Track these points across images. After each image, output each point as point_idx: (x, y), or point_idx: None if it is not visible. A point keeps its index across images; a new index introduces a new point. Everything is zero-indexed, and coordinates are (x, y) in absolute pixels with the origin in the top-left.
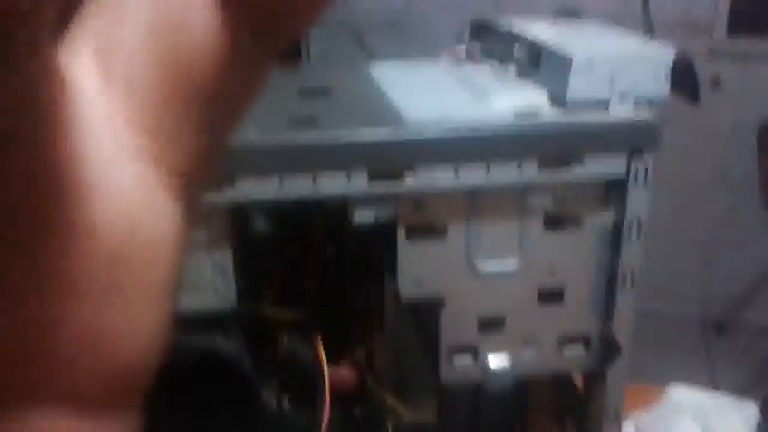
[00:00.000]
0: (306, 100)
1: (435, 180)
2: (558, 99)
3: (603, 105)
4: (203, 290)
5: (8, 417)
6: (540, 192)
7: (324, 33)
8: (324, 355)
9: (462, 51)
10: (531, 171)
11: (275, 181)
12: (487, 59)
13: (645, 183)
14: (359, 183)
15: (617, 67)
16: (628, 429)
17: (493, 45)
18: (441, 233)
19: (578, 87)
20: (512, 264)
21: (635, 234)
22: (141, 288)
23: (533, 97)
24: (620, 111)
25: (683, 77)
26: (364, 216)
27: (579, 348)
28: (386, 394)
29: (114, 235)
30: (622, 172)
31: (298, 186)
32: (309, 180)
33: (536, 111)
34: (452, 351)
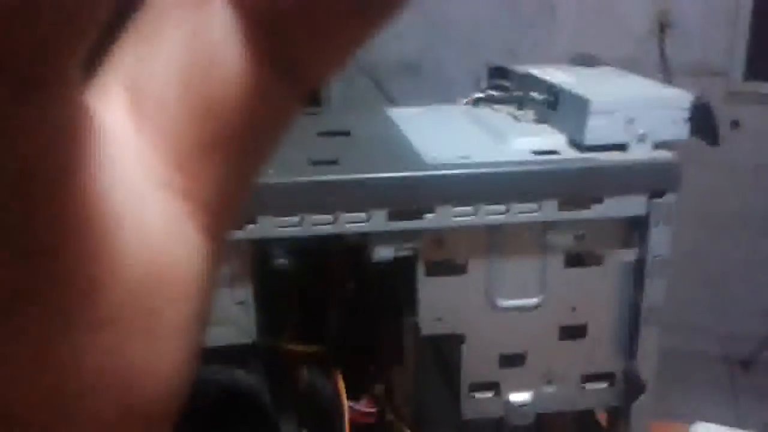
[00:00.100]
0: (326, 143)
1: (454, 219)
2: (576, 142)
3: (621, 149)
4: (225, 325)
5: None
6: (560, 230)
7: (343, 78)
8: (343, 390)
9: (480, 95)
10: (551, 210)
11: (296, 219)
12: (505, 103)
13: (667, 221)
14: (379, 221)
15: (636, 111)
16: None
17: (511, 89)
18: (461, 269)
19: (597, 130)
20: (533, 301)
21: (658, 271)
22: (167, 321)
23: (552, 140)
24: (639, 153)
25: (702, 121)
26: (384, 253)
27: (602, 384)
28: (406, 430)
29: (141, 269)
30: (643, 212)
31: (319, 224)
32: (329, 218)
33: (555, 152)
34: (473, 387)
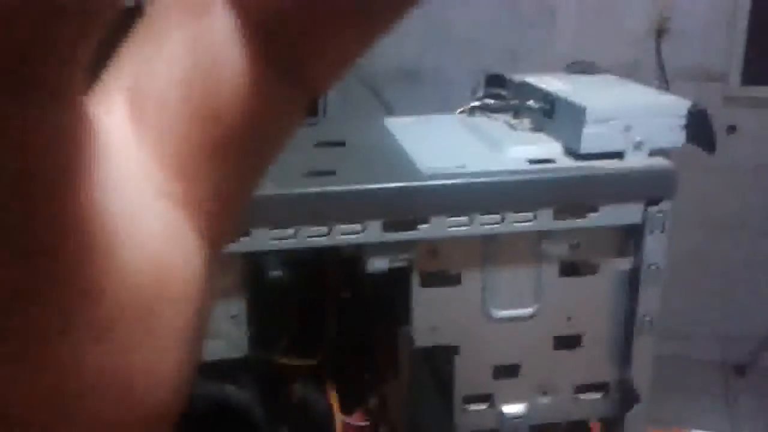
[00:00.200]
0: (322, 153)
1: (449, 229)
2: (572, 150)
3: (617, 156)
4: (217, 338)
5: None
6: (555, 239)
7: (340, 87)
8: (336, 403)
9: (476, 104)
10: (546, 219)
11: (290, 232)
12: (501, 112)
13: (662, 229)
14: (374, 232)
15: (632, 119)
16: None
17: (507, 98)
18: (456, 280)
19: (592, 138)
20: (528, 311)
21: (653, 280)
22: (167, 322)
23: (548, 149)
24: (635, 161)
25: (699, 128)
26: (378, 264)
27: (596, 395)
28: None
29: (140, 269)
30: (639, 220)
31: (313, 236)
32: (324, 230)
33: (550, 160)
34: (467, 399)
